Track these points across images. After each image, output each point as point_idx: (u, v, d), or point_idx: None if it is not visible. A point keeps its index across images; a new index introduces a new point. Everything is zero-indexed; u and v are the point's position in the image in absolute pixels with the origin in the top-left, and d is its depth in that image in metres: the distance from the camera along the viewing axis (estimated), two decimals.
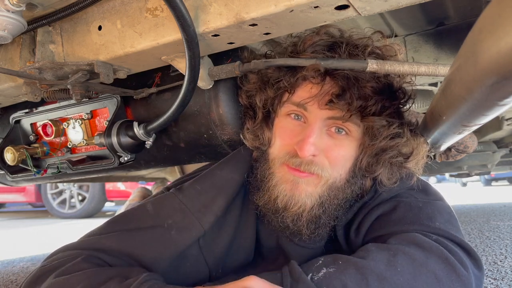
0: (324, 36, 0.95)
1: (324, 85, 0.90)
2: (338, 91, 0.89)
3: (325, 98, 0.89)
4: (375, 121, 0.91)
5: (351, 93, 0.88)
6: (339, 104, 0.88)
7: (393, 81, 0.95)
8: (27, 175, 1.19)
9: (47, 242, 3.68)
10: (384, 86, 0.92)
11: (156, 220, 0.94)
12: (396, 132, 0.95)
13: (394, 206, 0.96)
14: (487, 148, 3.40)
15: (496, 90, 0.45)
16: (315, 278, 0.76)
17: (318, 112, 0.91)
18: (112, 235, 0.91)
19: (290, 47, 0.98)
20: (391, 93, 0.95)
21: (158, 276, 0.82)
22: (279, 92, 0.96)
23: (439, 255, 0.81)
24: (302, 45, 0.95)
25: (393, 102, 0.95)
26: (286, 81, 0.93)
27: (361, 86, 0.88)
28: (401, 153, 0.97)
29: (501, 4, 0.37)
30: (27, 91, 0.98)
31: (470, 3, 1.23)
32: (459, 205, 5.75)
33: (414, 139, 0.98)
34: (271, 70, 0.95)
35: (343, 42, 0.93)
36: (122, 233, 0.92)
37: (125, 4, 0.86)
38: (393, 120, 0.94)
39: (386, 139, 0.93)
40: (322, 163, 0.91)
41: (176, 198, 0.97)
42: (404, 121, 0.99)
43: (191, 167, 2.73)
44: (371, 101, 0.89)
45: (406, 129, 0.97)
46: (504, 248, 2.32)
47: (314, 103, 0.90)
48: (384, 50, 0.94)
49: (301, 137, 0.91)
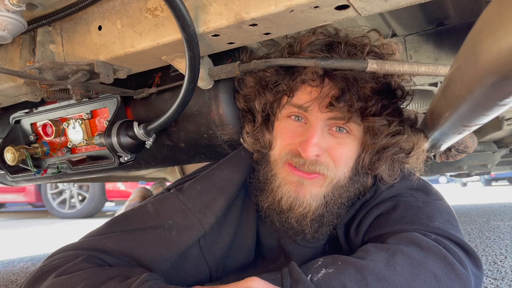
0: (320, 35, 0.94)
1: (323, 87, 0.90)
2: (337, 93, 0.89)
3: (325, 100, 0.89)
4: (375, 121, 0.91)
5: (351, 94, 0.88)
6: (339, 107, 0.88)
7: (392, 81, 0.95)
8: (27, 175, 1.19)
9: (47, 242, 3.68)
10: (383, 85, 0.93)
11: (156, 221, 0.94)
12: (397, 129, 0.95)
13: (394, 205, 0.97)
14: (487, 148, 3.40)
15: (496, 90, 0.45)
16: (315, 278, 0.76)
17: (319, 114, 0.91)
18: (113, 236, 0.91)
19: (287, 48, 0.98)
20: (390, 92, 0.95)
21: (159, 276, 0.82)
22: (278, 96, 0.96)
23: (438, 254, 0.81)
24: (299, 45, 0.95)
25: (392, 100, 0.95)
26: (285, 85, 0.93)
27: (360, 87, 0.88)
28: (402, 149, 0.97)
29: (501, 4, 0.37)
30: (27, 91, 0.98)
31: (470, 3, 1.23)
32: (459, 205, 5.75)
33: (415, 135, 0.98)
34: (269, 73, 0.95)
35: (341, 42, 0.92)
36: (123, 233, 0.92)
37: (125, 4, 0.86)
38: (393, 118, 0.95)
39: (387, 137, 0.94)
40: (326, 162, 0.91)
41: (176, 198, 0.97)
42: (404, 118, 0.99)
43: (191, 167, 2.73)
44: (371, 102, 0.89)
45: (407, 125, 0.97)
46: (504, 248, 2.32)
47: (314, 106, 0.90)
48: (382, 48, 0.94)
49: (303, 138, 0.91)
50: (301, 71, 0.91)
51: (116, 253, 0.89)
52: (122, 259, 0.89)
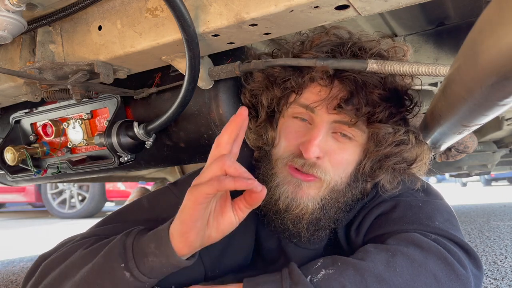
0: (332, 37, 0.94)
1: (332, 88, 0.89)
2: (346, 95, 0.88)
3: (334, 102, 0.89)
4: (381, 128, 0.90)
5: (359, 98, 0.87)
6: (346, 109, 0.87)
7: (400, 87, 0.95)
8: (27, 175, 1.19)
9: (47, 242, 3.68)
10: (391, 93, 0.92)
11: (151, 214, 0.94)
12: (402, 139, 0.94)
13: (394, 205, 0.96)
14: (487, 148, 3.41)
15: (496, 90, 0.45)
16: (314, 279, 0.76)
17: (326, 115, 0.90)
18: (107, 227, 0.93)
19: (297, 46, 0.97)
20: (398, 100, 0.95)
21: None
22: (286, 92, 0.95)
23: (438, 255, 0.81)
24: (309, 44, 0.94)
25: (400, 109, 0.95)
26: (294, 81, 0.92)
27: (369, 91, 0.88)
28: (405, 160, 0.97)
29: (501, 4, 0.37)
30: (27, 91, 0.98)
31: (470, 3, 1.23)
32: (459, 205, 5.75)
33: (419, 146, 0.98)
34: (278, 69, 0.94)
35: (349, 43, 0.92)
36: (117, 225, 0.93)
37: (125, 4, 0.86)
38: (399, 127, 0.94)
39: (391, 146, 0.93)
40: (325, 166, 0.91)
41: (171, 193, 0.97)
42: (409, 128, 0.98)
43: (191, 167, 2.73)
44: (379, 108, 0.88)
45: (411, 135, 0.96)
46: (504, 248, 2.32)
47: (322, 107, 0.89)
48: (392, 52, 0.94)
49: (306, 138, 0.90)
50: (311, 69, 0.90)
51: None
52: None
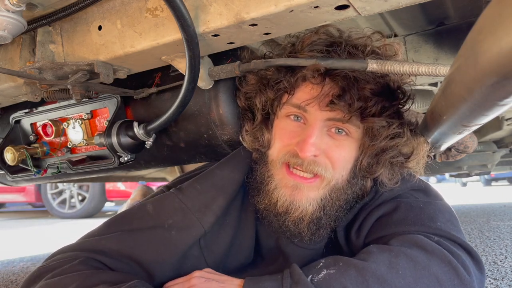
0: (322, 35, 0.94)
1: (324, 86, 0.90)
2: (338, 92, 0.88)
3: (326, 99, 0.89)
4: (375, 122, 0.91)
5: (351, 94, 0.87)
6: (339, 105, 0.88)
7: (392, 82, 0.95)
8: (27, 175, 1.19)
9: (47, 242, 3.68)
10: (383, 87, 0.92)
11: (156, 221, 0.93)
12: (396, 132, 0.94)
13: (395, 206, 0.96)
14: (487, 148, 3.40)
15: (496, 90, 0.45)
16: (315, 279, 0.76)
17: (319, 113, 0.90)
18: (112, 236, 0.91)
19: (289, 47, 0.98)
20: (391, 93, 0.95)
21: (149, 285, 0.81)
22: (279, 93, 0.96)
23: (441, 258, 0.80)
24: (300, 45, 0.94)
25: (393, 102, 0.95)
26: (286, 81, 0.93)
27: (361, 87, 0.88)
28: (402, 153, 0.97)
29: (501, 4, 0.37)
30: (27, 91, 0.98)
31: (470, 3, 1.23)
32: (459, 205, 5.75)
33: (414, 139, 0.98)
34: (271, 71, 0.95)
35: (342, 42, 0.92)
36: (122, 234, 0.92)
37: (125, 4, 0.86)
38: (392, 120, 0.94)
39: (386, 139, 0.93)
40: (324, 163, 0.91)
41: (176, 197, 0.97)
42: (404, 121, 0.99)
43: (191, 167, 2.73)
44: (371, 102, 0.89)
45: (406, 129, 0.97)
46: (504, 248, 2.32)
47: (314, 104, 0.90)
48: (384, 49, 0.94)
49: (301, 138, 0.90)
50: (303, 68, 0.90)
51: (115, 254, 0.88)
52: (122, 260, 0.89)
